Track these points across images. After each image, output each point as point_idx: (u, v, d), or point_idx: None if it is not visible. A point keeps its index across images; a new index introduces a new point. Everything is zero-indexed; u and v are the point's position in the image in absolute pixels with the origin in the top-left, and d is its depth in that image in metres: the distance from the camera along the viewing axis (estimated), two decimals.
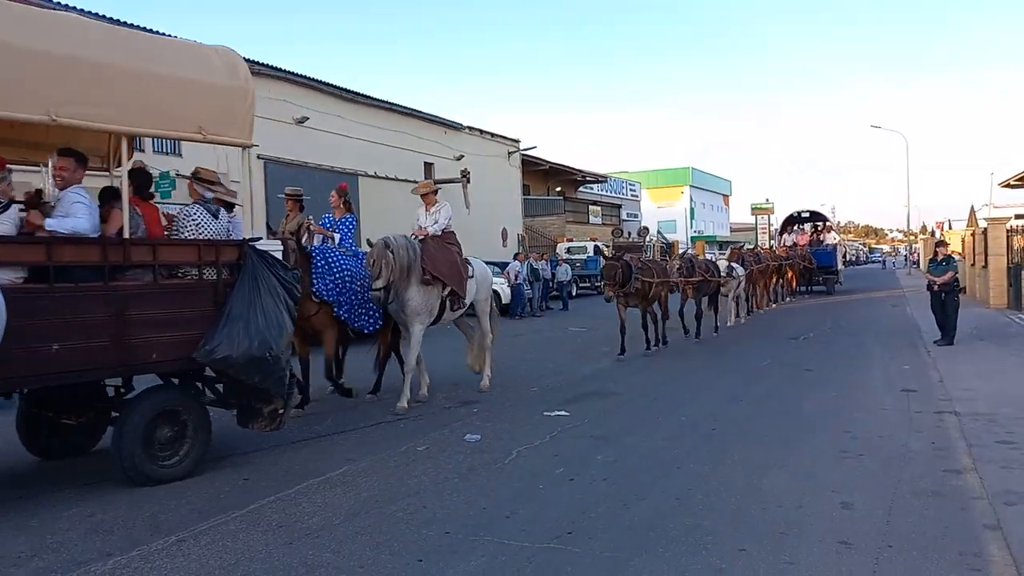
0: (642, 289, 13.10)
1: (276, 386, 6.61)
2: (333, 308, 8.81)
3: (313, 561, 4.57)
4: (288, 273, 7.00)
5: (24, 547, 4.89)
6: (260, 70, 23.47)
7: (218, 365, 6.37)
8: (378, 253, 8.57)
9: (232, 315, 6.35)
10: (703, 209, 75.77)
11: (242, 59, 6.97)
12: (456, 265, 9.50)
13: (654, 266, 14.34)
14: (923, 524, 4.99)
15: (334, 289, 8.82)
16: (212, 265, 6.54)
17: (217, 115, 6.67)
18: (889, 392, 9.65)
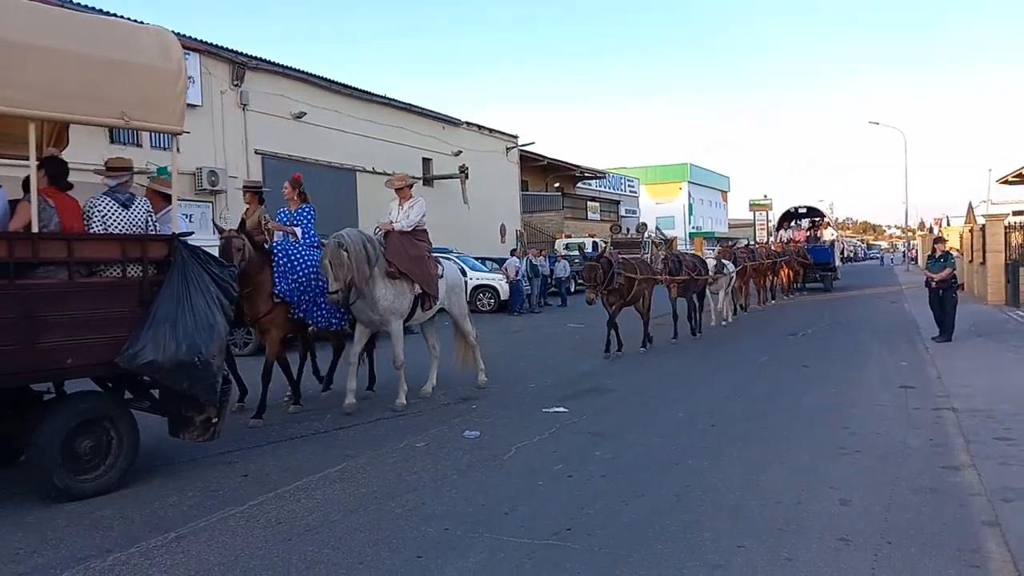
0: (624, 286, 12.74)
1: (206, 393, 6.13)
2: (291, 308, 8.50)
3: (312, 557, 4.58)
4: (224, 270, 6.55)
5: (23, 543, 4.89)
6: (257, 65, 23.43)
7: (142, 371, 5.93)
8: (331, 254, 8.10)
9: (158, 316, 5.89)
10: (701, 205, 75.78)
11: (177, 41, 6.44)
12: (424, 262, 9.11)
13: (637, 263, 13.93)
14: (921, 520, 5.00)
15: (295, 289, 8.49)
16: (137, 262, 6.04)
17: (144, 99, 6.09)
18: (887, 388, 9.67)
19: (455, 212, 30.94)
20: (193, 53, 21.29)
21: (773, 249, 26.51)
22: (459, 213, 30.94)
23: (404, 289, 8.84)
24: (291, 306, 8.49)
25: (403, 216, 9.14)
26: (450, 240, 28.36)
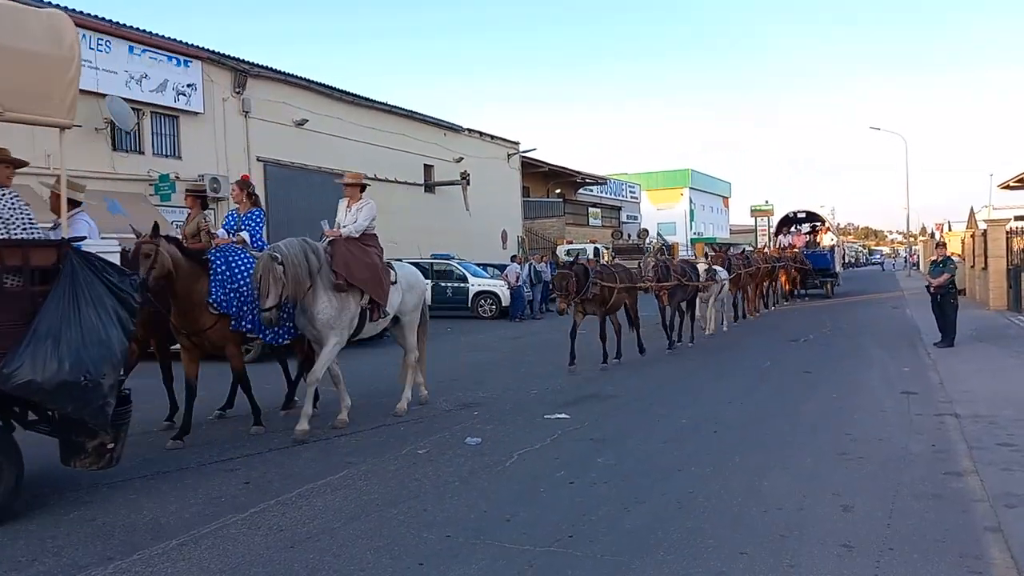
0: (601, 295, 12.12)
1: (95, 416, 5.50)
2: (231, 321, 7.82)
3: (314, 565, 4.57)
4: (125, 280, 5.91)
5: (24, 551, 4.89)
6: (259, 72, 23.51)
7: (19, 392, 5.30)
8: (263, 268, 7.38)
9: (39, 331, 5.28)
10: (703, 211, 75.82)
11: (72, 26, 5.86)
12: (375, 270, 8.39)
13: (618, 270, 13.20)
14: (924, 527, 4.99)
15: (234, 299, 7.81)
16: (16, 271, 5.45)
17: (26, 89, 5.53)
18: (889, 394, 9.66)
19: (457, 218, 30.99)
20: (195, 60, 21.38)
21: (769, 255, 25.84)
22: (460, 219, 30.99)
23: (349, 303, 8.15)
24: (231, 318, 7.81)
25: (350, 220, 8.48)
26: (452, 246, 28.41)
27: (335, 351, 8.11)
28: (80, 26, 18.39)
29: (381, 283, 8.45)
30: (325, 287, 7.94)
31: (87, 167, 18.35)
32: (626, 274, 13.27)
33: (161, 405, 8.54)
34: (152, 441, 7.76)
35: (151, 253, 7.18)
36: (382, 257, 8.72)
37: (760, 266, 22.39)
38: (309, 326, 8.02)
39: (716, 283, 17.06)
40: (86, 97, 18.48)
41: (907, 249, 63.07)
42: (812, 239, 31.35)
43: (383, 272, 8.57)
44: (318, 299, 7.90)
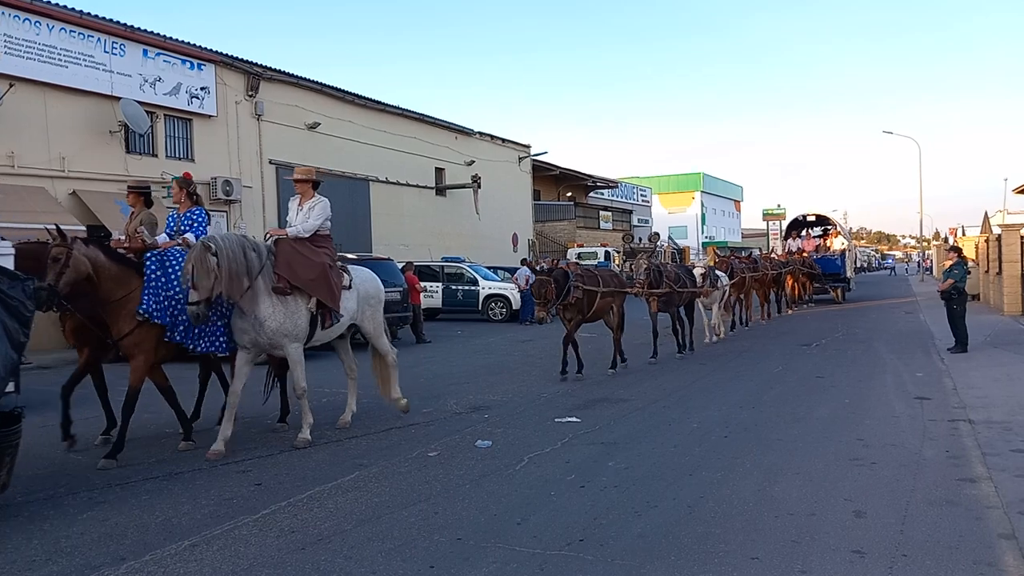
0: (582, 301, 11.59)
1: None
2: (165, 330, 7.22)
3: (325, 567, 4.58)
4: (17, 285, 5.51)
5: (38, 551, 4.92)
6: (272, 76, 23.63)
7: None
8: (196, 258, 6.84)
9: None
10: (714, 215, 75.67)
11: None
12: (323, 272, 7.72)
13: (604, 274, 12.69)
14: (937, 533, 4.96)
15: (168, 307, 7.21)
16: None
17: None
18: (902, 399, 9.60)
19: (467, 222, 31.05)
20: (208, 64, 21.51)
21: (776, 259, 25.11)
22: (471, 222, 31.04)
23: (298, 306, 7.56)
24: (160, 327, 7.20)
25: (301, 219, 7.89)
26: (462, 249, 28.46)
27: (301, 354, 7.66)
28: (94, 29, 18.68)
29: (330, 286, 7.78)
30: (267, 290, 7.36)
31: (101, 169, 18.51)
32: (612, 278, 12.79)
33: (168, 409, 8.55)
34: (164, 443, 7.81)
35: (60, 257, 6.67)
36: (334, 259, 8.11)
37: (767, 271, 21.73)
38: (254, 333, 7.37)
39: (717, 289, 16.41)
40: (100, 100, 18.67)
41: (920, 254, 62.69)
42: (822, 243, 30.66)
43: (334, 274, 7.93)
44: (260, 303, 7.30)
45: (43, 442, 8.03)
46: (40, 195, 16.94)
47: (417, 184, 30.18)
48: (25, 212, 16.02)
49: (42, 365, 13.91)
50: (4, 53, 16.73)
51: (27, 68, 17.17)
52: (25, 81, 17.10)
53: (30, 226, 15.90)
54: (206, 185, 21.08)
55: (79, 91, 18.28)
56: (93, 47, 18.57)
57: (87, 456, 7.41)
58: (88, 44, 18.46)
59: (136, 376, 7.23)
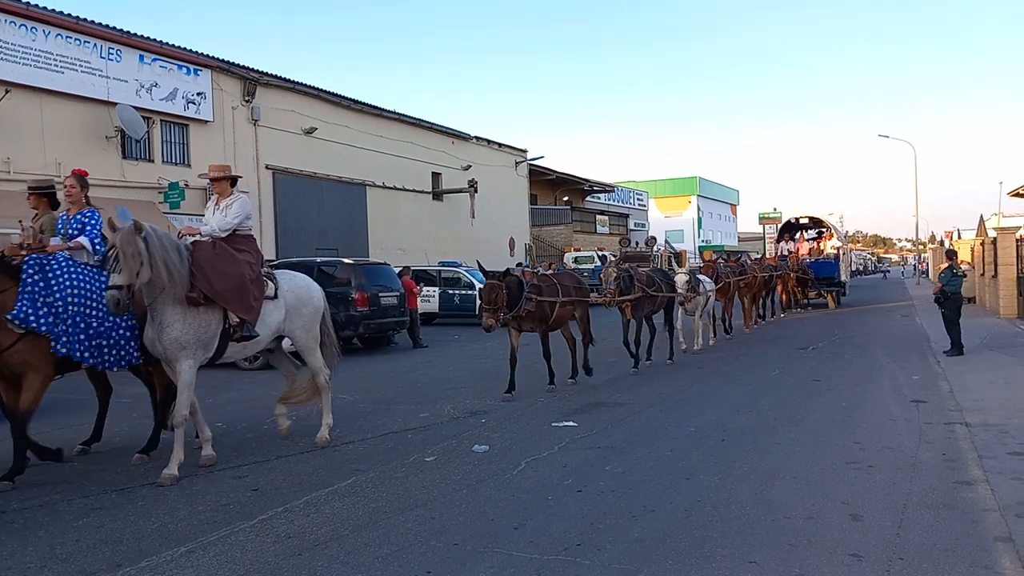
0: (539, 311, 10.65)
1: None
2: (50, 341, 6.42)
3: (322, 572, 4.57)
4: None
5: (33, 557, 4.91)
6: (268, 81, 23.64)
7: None
8: (122, 240, 6.22)
9: None
10: (710, 219, 75.81)
11: None
12: (242, 279, 6.95)
13: (565, 281, 11.74)
14: (934, 536, 4.96)
15: (48, 315, 6.42)
16: None
17: None
18: (898, 403, 9.61)
19: (464, 226, 31.07)
20: (204, 69, 21.52)
21: (765, 262, 24.18)
22: (468, 227, 31.07)
23: (208, 319, 6.78)
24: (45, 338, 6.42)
25: (218, 218, 7.22)
26: (459, 254, 28.46)
27: (193, 375, 6.74)
28: (91, 35, 18.68)
29: (248, 297, 7.00)
30: (178, 297, 6.58)
31: (97, 175, 18.48)
32: (574, 285, 11.77)
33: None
34: (161, 449, 7.78)
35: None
36: (257, 264, 7.34)
37: (756, 275, 20.72)
38: (156, 341, 6.64)
39: (700, 295, 15.37)
40: (97, 106, 18.66)
41: (916, 257, 62.82)
42: (816, 246, 29.80)
43: (255, 284, 7.14)
44: (167, 310, 6.54)
45: None
46: None
47: (414, 189, 30.20)
48: (20, 218, 16.00)
49: None
50: (0, 59, 16.71)
51: (23, 74, 17.17)
52: (21, 87, 17.09)
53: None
54: (202, 191, 21.07)
55: (75, 96, 18.28)
56: (89, 53, 18.57)
57: (83, 462, 7.39)
58: (84, 50, 18.46)
59: (29, 395, 6.45)
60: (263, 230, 23.29)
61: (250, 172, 22.89)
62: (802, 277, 26.16)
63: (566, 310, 11.31)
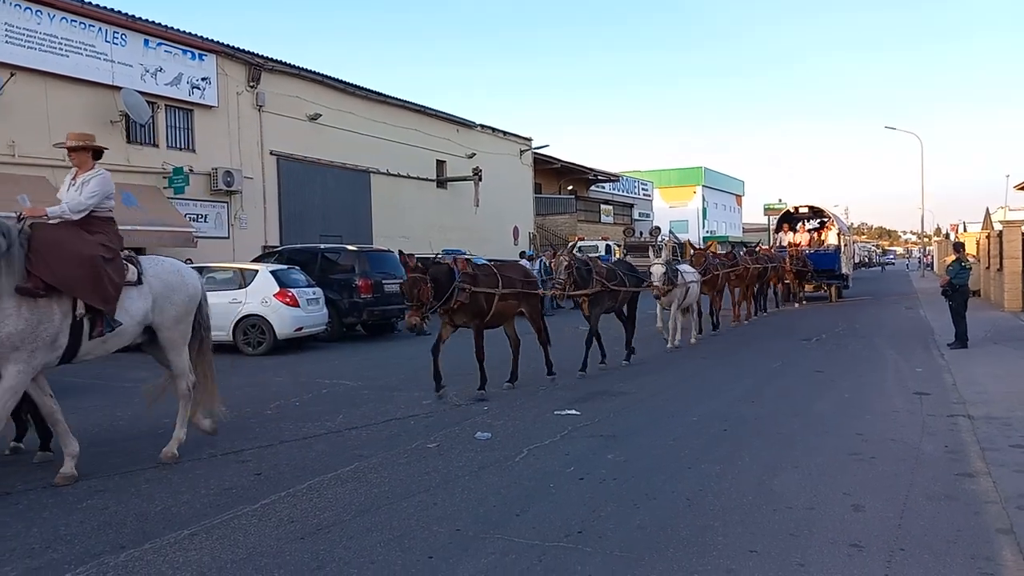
0: (473, 304, 9.58)
1: None
2: None
3: (324, 556, 4.59)
4: None
5: (37, 539, 4.94)
6: (273, 66, 23.58)
7: None
8: None
9: None
10: (715, 209, 75.61)
11: None
12: (93, 264, 6.00)
13: (509, 271, 10.59)
14: (935, 527, 4.97)
15: None
16: None
17: None
18: (902, 395, 9.61)
19: (468, 214, 31.03)
20: (209, 54, 21.47)
21: (760, 253, 22.71)
22: (472, 215, 31.03)
23: (50, 313, 5.84)
24: None
25: (71, 197, 6.28)
26: (463, 242, 28.42)
27: (21, 382, 5.79)
28: (95, 19, 18.63)
29: (103, 283, 6.03)
30: (9, 290, 5.66)
31: (102, 159, 18.49)
32: (520, 277, 10.61)
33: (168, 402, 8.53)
34: (162, 434, 7.81)
35: None
36: (115, 249, 6.39)
37: (748, 267, 19.59)
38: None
39: (677, 287, 13.89)
40: (101, 90, 18.64)
41: (921, 249, 62.69)
42: (815, 237, 28.33)
43: (112, 270, 6.18)
44: (2, 299, 5.64)
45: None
46: (41, 184, 16.91)
47: (418, 176, 30.14)
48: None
49: None
50: (5, 42, 16.68)
51: (28, 57, 17.13)
52: (26, 70, 17.05)
53: None
54: (207, 176, 21.07)
55: (80, 80, 18.24)
56: (94, 36, 18.52)
57: (87, 445, 7.41)
58: (89, 34, 18.41)
59: None
60: (267, 216, 23.31)
61: (255, 158, 22.88)
62: (800, 269, 24.89)
63: (508, 304, 10.17)
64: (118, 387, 8.05)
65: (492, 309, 9.87)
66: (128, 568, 4.44)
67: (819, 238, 28.24)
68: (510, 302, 10.21)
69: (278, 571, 4.39)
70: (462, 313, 9.58)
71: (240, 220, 22.20)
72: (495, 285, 9.90)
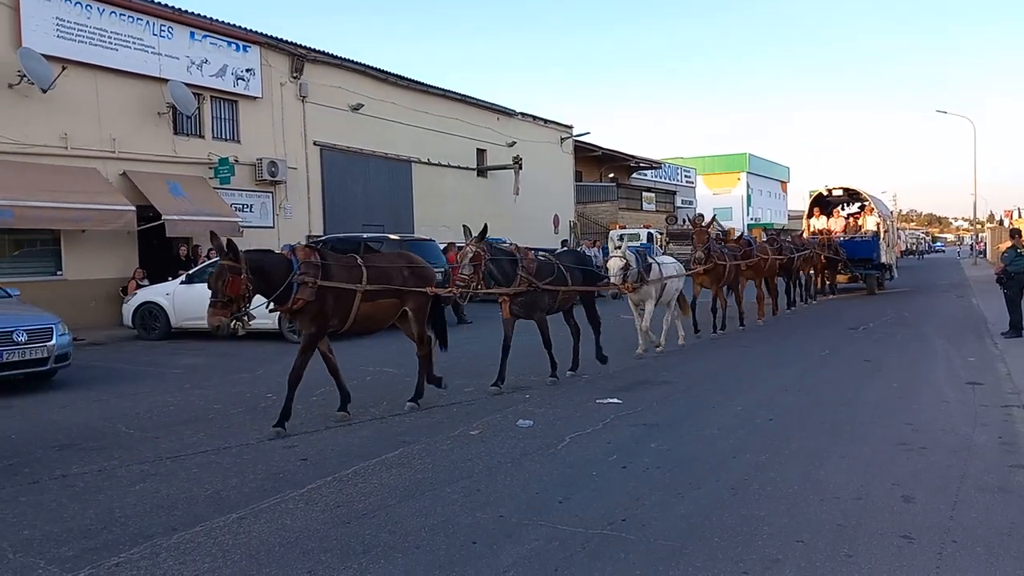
0: (319, 304, 7.50)
1: None
2: None
3: (369, 541, 4.65)
4: None
5: (93, 520, 5.09)
6: (316, 57, 23.77)
7: None
8: None
9: None
10: (760, 196, 74.51)
11: None
12: None
13: (384, 263, 8.47)
14: (988, 520, 4.86)
15: None
16: None
17: None
18: (953, 384, 9.39)
19: (508, 203, 30.99)
20: (253, 46, 21.72)
21: (790, 242, 20.35)
22: (512, 204, 30.98)
23: None
24: None
25: None
26: (503, 231, 28.41)
27: None
28: (143, 12, 18.96)
29: None
30: None
31: (150, 151, 18.86)
32: (402, 270, 8.46)
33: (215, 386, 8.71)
34: (211, 419, 7.98)
35: None
36: None
37: (765, 256, 16.84)
38: None
39: (649, 283, 11.65)
40: (149, 82, 18.99)
41: (973, 236, 61.04)
42: (851, 222, 25.19)
43: None
44: None
45: (96, 416, 8.27)
46: (92, 176, 17.32)
47: (459, 165, 30.19)
48: (77, 192, 16.42)
49: (95, 342, 14.30)
50: (56, 36, 17.06)
51: (79, 51, 17.50)
52: (76, 64, 17.42)
53: (82, 206, 16.32)
54: (251, 166, 21.34)
55: (129, 73, 18.58)
56: (142, 30, 18.85)
57: (138, 430, 7.61)
58: (137, 27, 18.74)
59: None
60: (311, 206, 23.55)
61: (298, 148, 23.12)
62: (831, 258, 22.39)
63: (381, 305, 8.15)
64: (167, 374, 8.24)
65: (354, 311, 7.83)
66: (180, 550, 4.55)
67: (855, 223, 25.18)
68: (386, 302, 8.19)
69: (324, 555, 4.46)
70: (307, 315, 7.56)
71: (285, 210, 22.47)
72: (358, 279, 7.89)
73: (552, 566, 4.27)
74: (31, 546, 4.68)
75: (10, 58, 16.24)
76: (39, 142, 16.69)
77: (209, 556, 4.46)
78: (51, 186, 16.01)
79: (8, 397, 9.37)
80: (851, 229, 24.77)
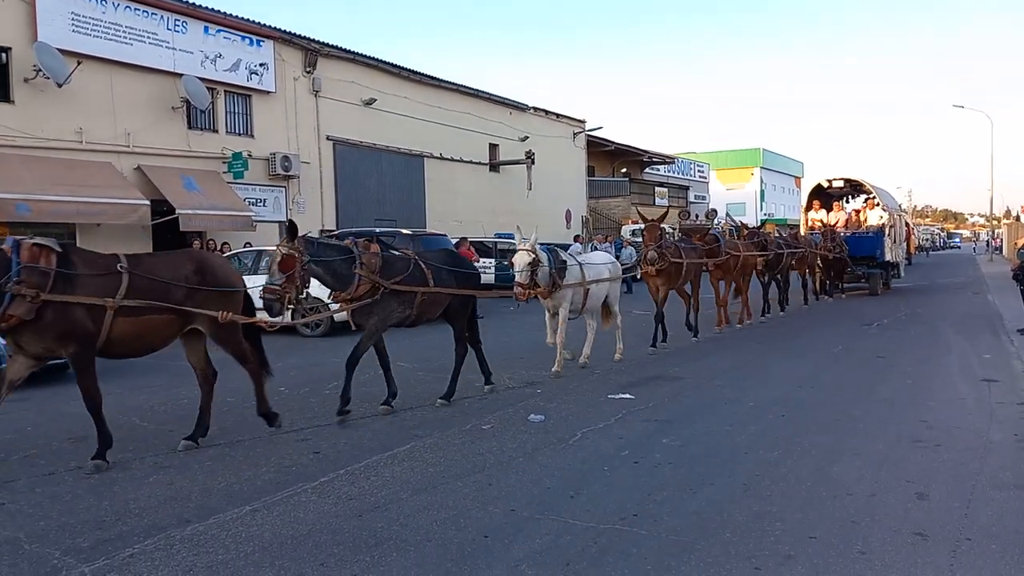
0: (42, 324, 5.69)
1: None
2: None
3: (381, 534, 4.67)
4: None
5: (108, 512, 5.12)
6: (329, 52, 23.81)
7: None
8: None
9: None
10: (774, 191, 74.16)
11: None
12: None
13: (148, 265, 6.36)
14: (1004, 518, 4.82)
15: None
16: None
17: None
18: (968, 381, 9.32)
19: (521, 198, 30.97)
20: (267, 40, 21.77)
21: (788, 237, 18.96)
22: (525, 199, 30.97)
23: None
24: None
25: None
26: (515, 226, 28.42)
27: None
28: (158, 7, 19.03)
29: None
30: None
31: (164, 145, 18.96)
32: (179, 274, 6.40)
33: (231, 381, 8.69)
34: (227, 411, 8.01)
35: None
36: None
37: (735, 254, 14.56)
38: None
39: (563, 287, 9.70)
40: (163, 76, 19.07)
41: (989, 232, 60.49)
42: (854, 216, 23.39)
43: None
44: None
45: (111, 409, 8.29)
46: (106, 170, 17.44)
47: (471, 160, 30.19)
48: (92, 187, 16.54)
49: None
50: (71, 31, 17.18)
51: (94, 46, 17.61)
52: (92, 58, 17.54)
53: (97, 200, 16.43)
54: (265, 161, 21.42)
55: (143, 68, 18.69)
56: (156, 25, 18.95)
57: (153, 423, 7.67)
58: (152, 22, 18.83)
59: None
60: (324, 201, 23.63)
61: (312, 143, 23.19)
62: (836, 256, 20.60)
63: (148, 322, 6.16)
64: (183, 367, 8.28)
65: (105, 329, 5.90)
66: (193, 542, 4.58)
67: (857, 218, 23.30)
68: (155, 318, 6.18)
69: (337, 548, 4.48)
70: (31, 334, 5.74)
71: (298, 204, 22.55)
72: (111, 290, 5.90)
73: (563, 560, 4.28)
74: (47, 537, 4.72)
75: (26, 53, 16.36)
76: (54, 136, 16.82)
77: (223, 548, 4.49)
78: (67, 180, 16.15)
79: (24, 390, 9.41)
80: (852, 223, 23.05)
